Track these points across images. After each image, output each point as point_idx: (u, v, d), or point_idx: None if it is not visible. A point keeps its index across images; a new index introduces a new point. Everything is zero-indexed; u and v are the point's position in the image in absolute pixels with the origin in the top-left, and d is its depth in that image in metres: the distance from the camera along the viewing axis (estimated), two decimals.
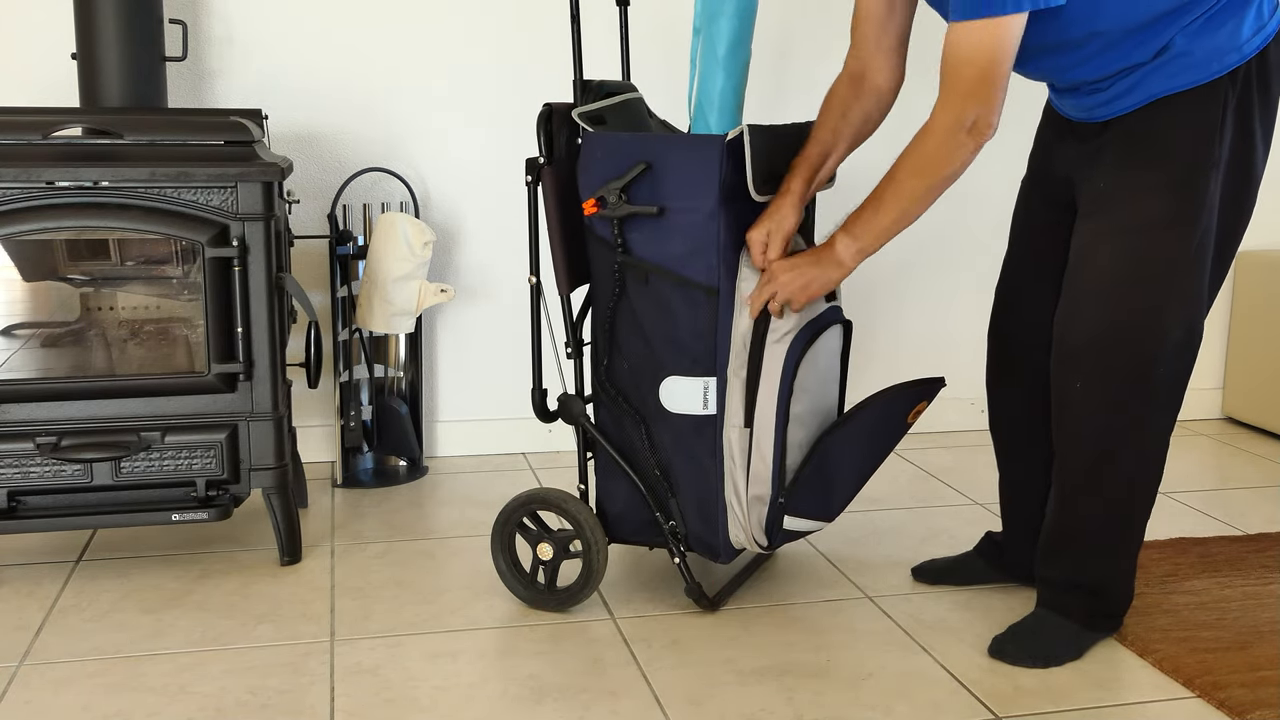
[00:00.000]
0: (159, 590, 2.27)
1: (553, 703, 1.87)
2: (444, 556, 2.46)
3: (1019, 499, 2.24)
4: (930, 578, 2.33)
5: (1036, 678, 1.96)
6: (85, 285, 2.46)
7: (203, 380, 2.28)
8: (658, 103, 3.05)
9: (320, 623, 2.14)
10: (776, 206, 2.01)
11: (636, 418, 2.12)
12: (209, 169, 2.22)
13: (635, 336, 2.09)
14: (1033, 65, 1.93)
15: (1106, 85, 1.89)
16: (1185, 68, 1.82)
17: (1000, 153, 3.28)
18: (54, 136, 2.24)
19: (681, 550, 2.14)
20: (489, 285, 3.13)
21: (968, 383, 3.44)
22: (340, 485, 2.92)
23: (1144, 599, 2.24)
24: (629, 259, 2.05)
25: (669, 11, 3.09)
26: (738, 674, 1.96)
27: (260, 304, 2.29)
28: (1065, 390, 1.95)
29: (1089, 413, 1.93)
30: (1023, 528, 2.22)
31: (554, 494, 2.17)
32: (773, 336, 2.01)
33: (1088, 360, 1.91)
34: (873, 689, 1.92)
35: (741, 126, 1.98)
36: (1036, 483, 2.17)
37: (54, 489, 2.25)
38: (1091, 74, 1.89)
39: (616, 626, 2.14)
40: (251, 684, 1.92)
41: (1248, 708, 1.85)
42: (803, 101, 3.22)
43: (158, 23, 2.55)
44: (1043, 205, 2.11)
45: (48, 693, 1.88)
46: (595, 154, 2.05)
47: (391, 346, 3.00)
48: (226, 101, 2.91)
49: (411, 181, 3.03)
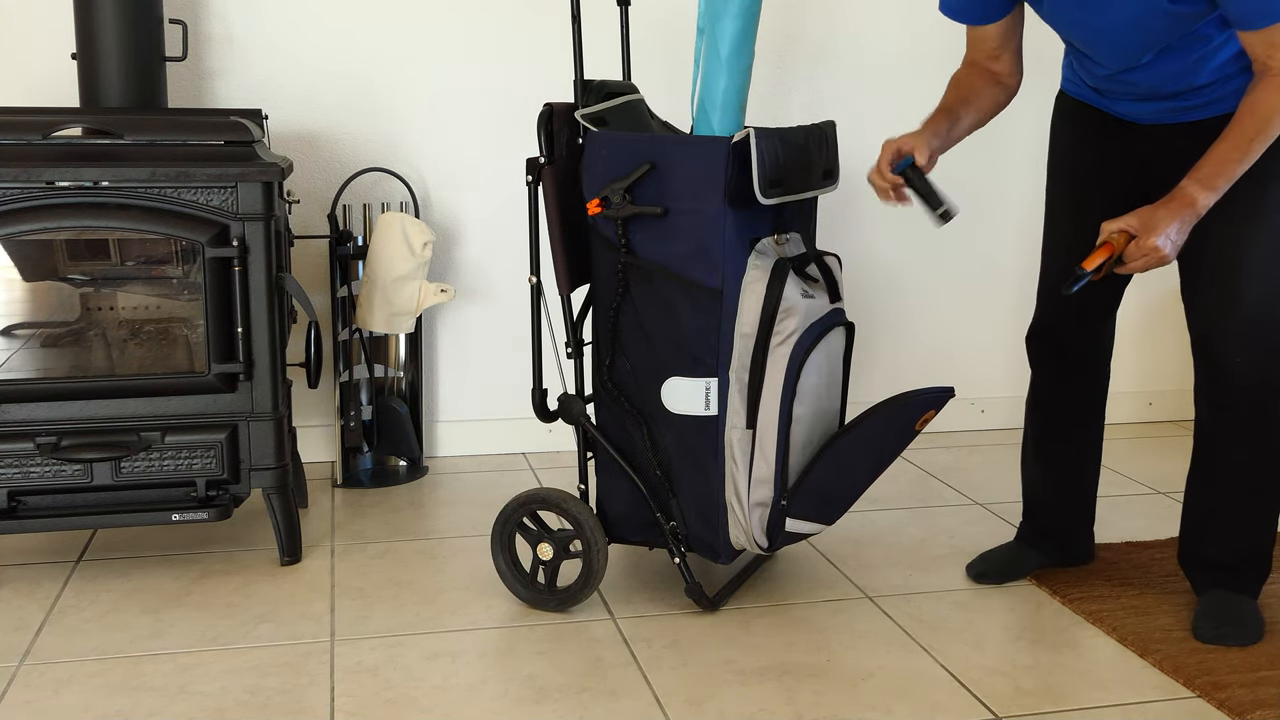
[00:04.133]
0: (159, 590, 2.27)
1: (553, 703, 1.87)
2: (444, 556, 2.46)
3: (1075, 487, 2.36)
4: (996, 578, 2.36)
5: (1037, 677, 1.96)
6: (85, 285, 2.46)
7: (203, 380, 2.28)
8: (659, 103, 3.05)
9: (320, 623, 2.14)
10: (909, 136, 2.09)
11: (638, 418, 2.12)
12: (209, 169, 2.22)
13: (638, 337, 2.09)
14: (1154, 71, 2.00)
15: (1207, 92, 1.99)
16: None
17: (1001, 155, 3.29)
18: (54, 136, 2.24)
19: (681, 550, 2.14)
20: (489, 285, 3.13)
21: (968, 384, 3.45)
22: (340, 485, 2.92)
23: (1144, 599, 2.25)
24: (633, 259, 2.05)
25: (670, 11, 3.08)
26: (738, 674, 1.96)
27: (260, 304, 2.29)
28: (1225, 364, 2.05)
29: (1251, 383, 2.04)
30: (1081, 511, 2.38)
31: (554, 494, 2.17)
32: (776, 339, 2.01)
33: (1248, 334, 2.02)
34: (873, 689, 1.92)
35: (748, 129, 1.98)
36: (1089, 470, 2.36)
37: (54, 489, 2.25)
38: (1203, 78, 1.98)
39: (616, 626, 2.14)
40: (251, 684, 1.91)
41: (1248, 708, 1.85)
42: (805, 102, 3.22)
43: (158, 23, 2.54)
44: (1105, 205, 2.15)
45: (48, 693, 1.88)
46: (600, 154, 2.05)
47: (391, 346, 3.00)
48: (226, 101, 2.90)
49: (411, 181, 3.03)
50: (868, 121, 3.25)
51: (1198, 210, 1.93)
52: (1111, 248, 1.96)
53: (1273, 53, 1.85)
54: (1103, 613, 2.19)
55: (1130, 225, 1.95)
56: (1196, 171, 1.93)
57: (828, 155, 2.20)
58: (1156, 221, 1.92)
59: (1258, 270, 2.00)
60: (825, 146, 2.19)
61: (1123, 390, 3.55)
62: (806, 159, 2.11)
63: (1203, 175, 1.92)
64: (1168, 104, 2.04)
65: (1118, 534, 2.62)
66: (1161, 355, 3.58)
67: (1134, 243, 1.94)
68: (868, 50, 3.23)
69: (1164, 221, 1.92)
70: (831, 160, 2.22)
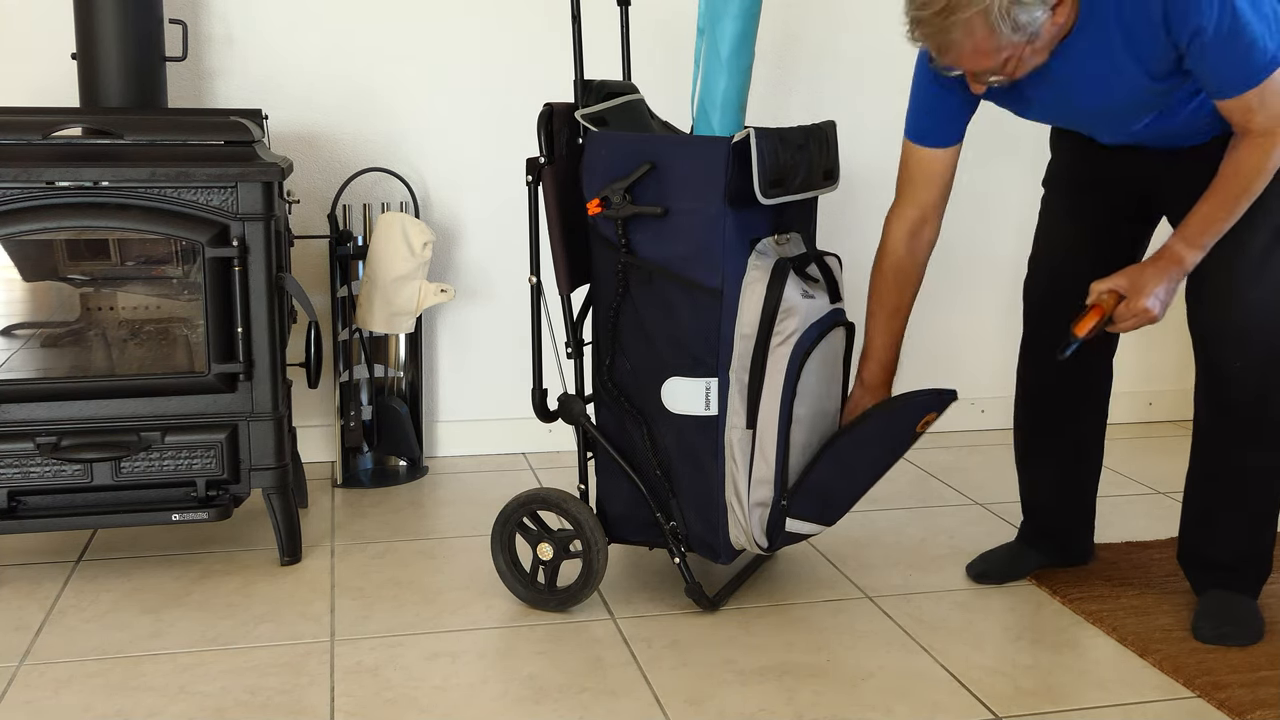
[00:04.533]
0: (159, 590, 2.27)
1: (553, 703, 1.87)
2: (444, 556, 2.46)
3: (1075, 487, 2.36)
4: (996, 578, 2.36)
5: (1037, 677, 1.96)
6: (85, 285, 2.46)
7: (203, 380, 2.28)
8: (659, 103, 3.05)
9: (320, 623, 2.14)
10: (856, 402, 2.21)
11: (638, 418, 2.12)
12: (209, 169, 2.22)
13: (638, 337, 2.09)
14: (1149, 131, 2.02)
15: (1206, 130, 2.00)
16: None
17: (1002, 156, 3.29)
18: (54, 136, 2.24)
19: (681, 550, 2.14)
20: (489, 285, 3.13)
21: (968, 384, 3.45)
22: (340, 485, 2.92)
23: (1144, 599, 2.25)
24: (633, 259, 2.05)
25: (670, 11, 3.08)
26: (738, 674, 1.96)
27: (260, 304, 2.29)
28: (1224, 369, 2.05)
29: (1250, 386, 2.04)
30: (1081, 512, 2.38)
31: (554, 494, 2.17)
32: (776, 339, 2.02)
33: (1246, 339, 2.02)
34: (873, 689, 1.92)
35: (748, 129, 1.98)
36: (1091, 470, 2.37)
37: (54, 489, 2.25)
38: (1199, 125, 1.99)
39: (616, 626, 2.14)
40: (251, 684, 1.91)
41: (1248, 708, 1.85)
42: (805, 102, 3.22)
43: (158, 23, 2.54)
44: (1103, 208, 2.18)
45: (48, 693, 1.88)
46: (600, 154, 2.05)
47: (391, 346, 3.00)
48: (226, 101, 2.90)
49: (411, 181, 3.03)
50: (868, 121, 3.25)
51: (1185, 268, 1.96)
52: (1101, 310, 1.98)
53: (1250, 116, 1.86)
54: (1103, 613, 2.19)
55: (1119, 286, 1.96)
56: (1183, 229, 1.95)
57: (828, 155, 2.20)
58: (1144, 282, 1.95)
59: (1256, 273, 2.00)
60: (825, 146, 2.19)
61: (1123, 390, 3.54)
62: (806, 159, 2.11)
63: (1189, 234, 1.94)
64: (1168, 144, 2.07)
65: (1118, 534, 2.62)
66: (1161, 355, 3.58)
67: (1123, 304, 1.96)
68: (868, 50, 3.23)
69: (1152, 281, 1.94)
70: (832, 160, 2.22)
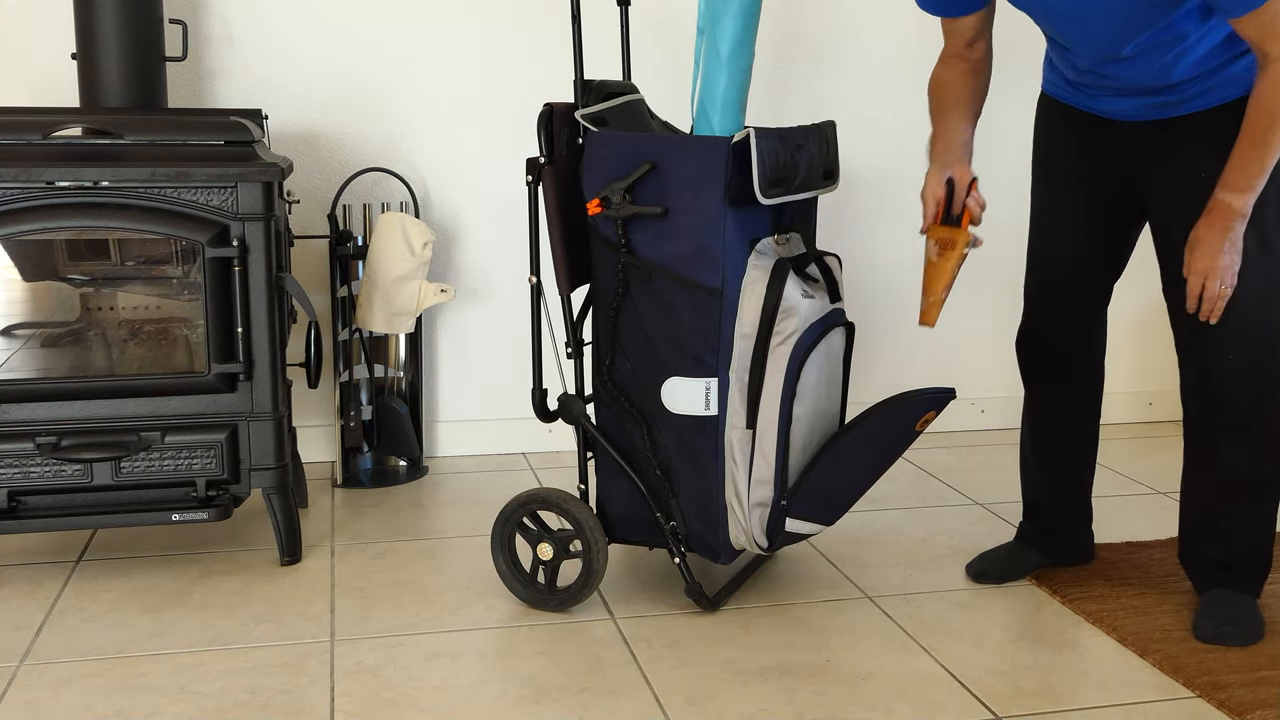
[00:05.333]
0: (159, 590, 2.27)
1: (553, 703, 1.87)
2: (444, 556, 2.46)
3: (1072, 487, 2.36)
4: (996, 578, 2.36)
5: (1037, 677, 1.96)
6: (85, 285, 2.46)
7: (203, 380, 2.28)
8: (658, 103, 3.05)
9: (320, 623, 2.14)
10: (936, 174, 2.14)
11: (638, 418, 2.12)
12: (209, 169, 2.22)
13: (638, 337, 2.09)
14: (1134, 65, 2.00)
15: (1185, 88, 1.99)
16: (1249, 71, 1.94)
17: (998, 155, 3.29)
18: (54, 136, 2.24)
19: (681, 550, 2.14)
20: (489, 285, 3.13)
21: (968, 384, 3.45)
22: (340, 485, 2.92)
23: (1144, 599, 2.25)
24: (633, 259, 2.05)
25: (670, 11, 3.08)
26: (738, 674, 1.96)
27: (260, 304, 2.29)
28: (1217, 363, 2.05)
29: (1244, 381, 2.05)
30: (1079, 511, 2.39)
31: (554, 494, 2.17)
32: (776, 339, 2.02)
33: (1240, 332, 2.02)
34: (873, 689, 1.92)
35: (748, 129, 1.98)
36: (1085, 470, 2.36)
37: (54, 489, 2.25)
38: (1179, 74, 1.97)
39: (616, 626, 2.14)
40: (251, 684, 1.92)
41: (1248, 708, 1.85)
42: (805, 102, 3.22)
43: (158, 23, 2.54)
44: (1096, 206, 2.17)
45: (48, 693, 1.88)
46: (600, 154, 2.05)
47: (391, 346, 3.00)
48: (226, 101, 2.91)
49: (411, 181, 3.03)
50: (868, 121, 3.25)
51: (1238, 213, 1.93)
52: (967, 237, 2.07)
53: (1268, 38, 1.83)
54: (1103, 613, 2.19)
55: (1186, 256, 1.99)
56: (1224, 179, 1.93)
57: (828, 155, 2.20)
58: (1196, 239, 1.96)
59: (1249, 267, 1.99)
60: (825, 146, 2.19)
61: (1121, 390, 3.55)
62: (806, 159, 2.11)
63: (1229, 180, 1.92)
64: (1146, 100, 2.04)
65: (1118, 534, 2.62)
66: (1160, 355, 3.58)
67: (1184, 266, 1.98)
68: (868, 50, 3.23)
69: (1206, 238, 1.95)
70: (832, 160, 2.22)
